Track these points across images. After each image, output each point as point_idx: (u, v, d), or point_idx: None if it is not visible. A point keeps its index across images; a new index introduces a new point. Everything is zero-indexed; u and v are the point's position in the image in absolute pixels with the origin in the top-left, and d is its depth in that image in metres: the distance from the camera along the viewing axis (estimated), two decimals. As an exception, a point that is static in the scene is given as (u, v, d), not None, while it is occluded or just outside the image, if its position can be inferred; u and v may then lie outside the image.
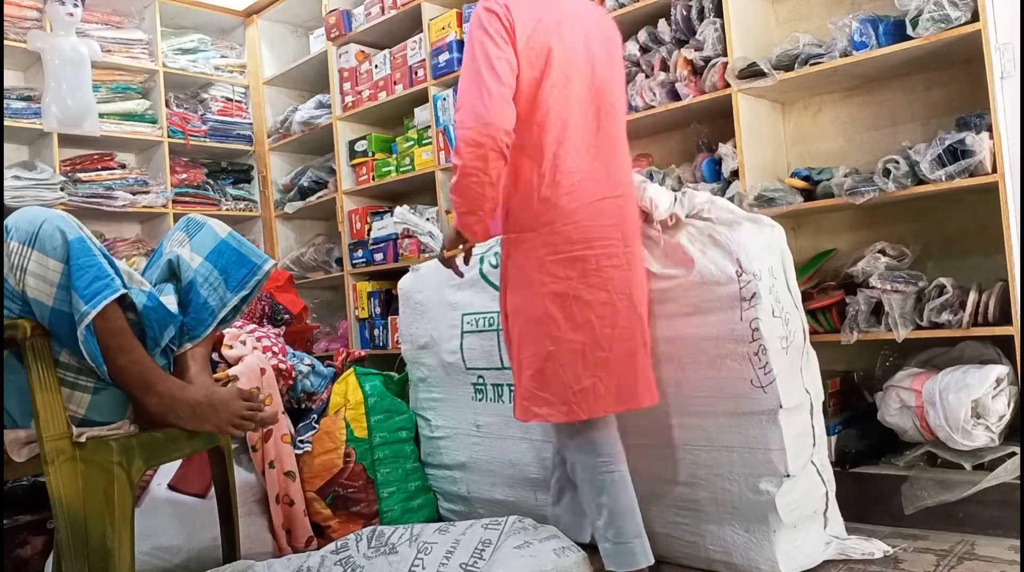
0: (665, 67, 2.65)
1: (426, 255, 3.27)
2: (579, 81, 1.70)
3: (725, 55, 2.47)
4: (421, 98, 3.41)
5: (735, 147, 2.47)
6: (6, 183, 3.24)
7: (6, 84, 3.49)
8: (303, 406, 2.48)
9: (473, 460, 2.35)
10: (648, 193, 1.91)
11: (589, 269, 1.66)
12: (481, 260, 2.28)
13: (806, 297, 2.25)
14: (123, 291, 1.43)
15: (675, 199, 1.93)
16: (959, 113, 2.20)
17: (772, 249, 1.90)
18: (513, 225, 1.73)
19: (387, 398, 2.49)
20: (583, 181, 1.68)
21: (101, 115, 3.57)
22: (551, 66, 1.65)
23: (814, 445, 1.88)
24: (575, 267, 1.66)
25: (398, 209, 2.68)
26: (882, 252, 2.27)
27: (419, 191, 3.60)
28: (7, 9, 3.35)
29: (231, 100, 4.17)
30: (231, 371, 2.20)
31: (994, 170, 2.01)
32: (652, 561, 1.70)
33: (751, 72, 2.38)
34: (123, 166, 3.76)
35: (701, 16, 2.56)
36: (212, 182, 4.08)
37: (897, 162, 2.14)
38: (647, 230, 1.92)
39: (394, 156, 3.56)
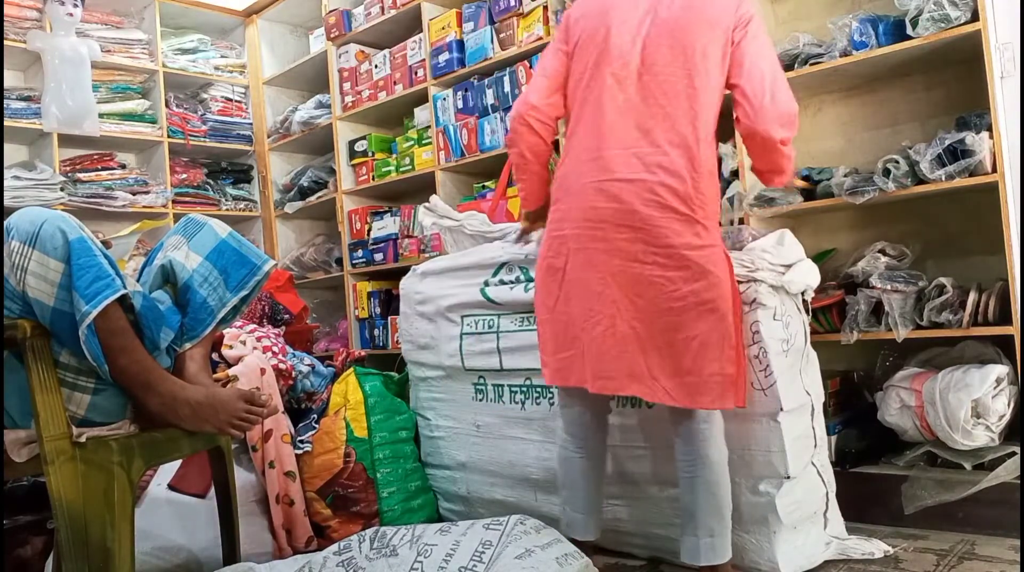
0: (665, 67, 2.65)
1: (426, 255, 3.27)
2: (611, 67, 1.71)
3: (725, 55, 2.47)
4: (421, 98, 3.41)
5: (735, 147, 2.47)
6: (6, 183, 3.24)
7: (6, 84, 3.49)
8: (303, 406, 2.48)
9: (473, 460, 2.35)
10: None
11: (580, 247, 1.70)
12: (486, 283, 2.27)
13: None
14: (124, 291, 1.43)
15: None
16: (959, 113, 2.20)
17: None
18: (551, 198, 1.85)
19: (387, 398, 2.49)
20: (587, 161, 1.72)
21: (101, 115, 3.57)
22: (583, 57, 1.76)
23: (815, 446, 1.88)
24: (567, 245, 1.73)
25: (433, 197, 2.60)
26: (882, 252, 2.28)
27: (419, 191, 3.60)
28: (7, 9, 3.35)
29: (231, 100, 4.17)
30: (231, 371, 2.20)
31: (994, 170, 2.01)
32: (588, 538, 1.83)
33: (751, 72, 2.38)
34: (123, 166, 3.76)
35: (701, 16, 2.55)
36: (212, 182, 4.08)
37: (897, 162, 2.14)
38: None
39: (394, 156, 3.56)
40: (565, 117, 1.82)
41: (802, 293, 1.96)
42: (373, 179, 3.62)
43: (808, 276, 1.92)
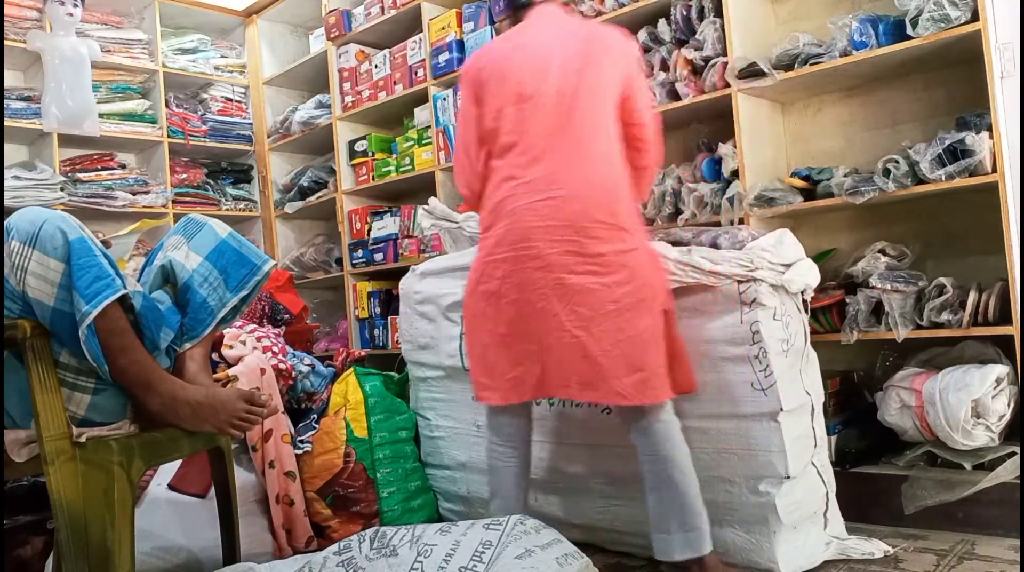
0: (665, 67, 2.65)
1: (426, 255, 3.27)
2: (530, 100, 1.81)
3: (725, 55, 2.47)
4: (421, 98, 3.41)
5: (735, 147, 2.47)
6: (6, 183, 3.24)
7: (6, 84, 3.49)
8: (303, 406, 2.48)
9: (473, 460, 2.35)
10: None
11: (513, 269, 1.77)
12: None
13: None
14: (124, 291, 1.43)
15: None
16: (959, 113, 2.20)
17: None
18: (480, 230, 1.91)
19: (387, 398, 2.49)
20: (520, 184, 1.79)
21: (101, 115, 3.57)
22: (498, 96, 1.84)
23: (815, 447, 1.88)
24: (500, 268, 1.79)
25: (432, 199, 2.62)
26: (882, 252, 2.27)
27: (419, 191, 3.60)
28: (7, 9, 3.35)
29: (231, 100, 4.17)
30: (231, 371, 2.20)
31: (994, 170, 2.01)
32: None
33: (751, 72, 2.38)
34: (123, 166, 3.76)
35: (701, 16, 2.56)
36: (212, 182, 4.08)
37: (897, 162, 2.14)
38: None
39: (394, 156, 3.56)
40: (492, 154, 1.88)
41: (802, 292, 1.96)
42: (373, 179, 3.62)
43: (808, 275, 1.92)
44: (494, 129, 1.84)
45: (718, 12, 2.50)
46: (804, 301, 1.97)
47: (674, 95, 2.62)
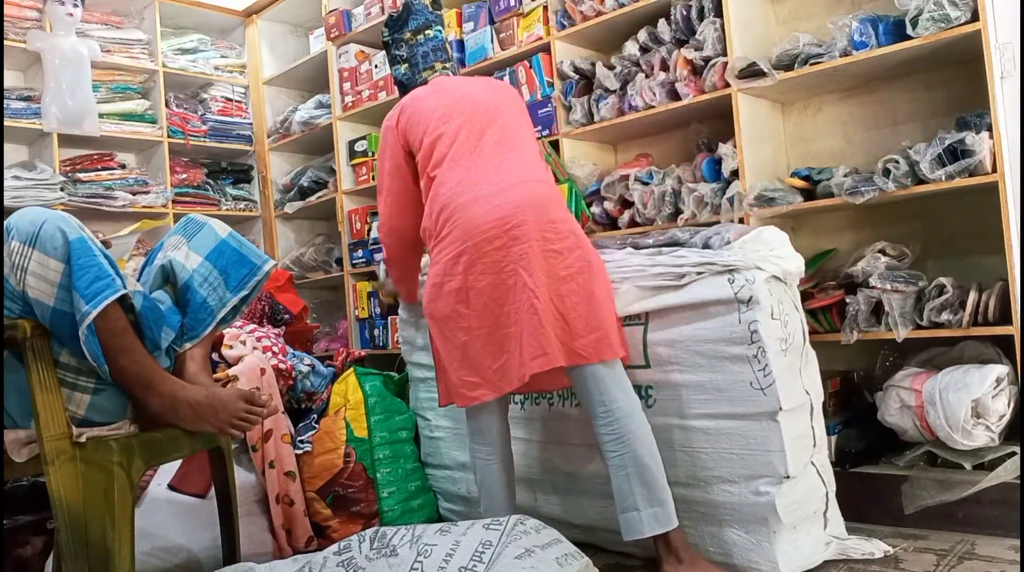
0: (665, 67, 2.65)
1: (426, 254, 3.27)
2: (455, 117, 1.97)
3: (725, 55, 2.47)
4: (421, 98, 3.41)
5: (735, 147, 2.47)
6: (6, 183, 3.24)
7: (6, 84, 3.49)
8: (303, 406, 2.48)
9: (473, 460, 2.35)
10: None
11: (474, 259, 1.82)
12: None
13: (806, 297, 2.25)
14: (124, 291, 1.43)
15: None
16: (959, 113, 2.20)
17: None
18: (427, 244, 1.99)
19: (387, 398, 2.49)
20: (460, 184, 1.89)
21: (101, 115, 3.57)
22: (426, 124, 1.99)
23: (814, 446, 1.88)
24: (461, 262, 1.84)
25: None
26: (882, 252, 2.27)
27: (419, 191, 3.59)
28: (7, 9, 3.35)
29: (231, 100, 4.17)
30: (231, 371, 2.20)
31: (994, 170, 2.01)
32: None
33: (751, 72, 2.38)
34: (123, 166, 3.76)
35: (701, 16, 2.56)
36: (212, 182, 4.08)
37: (897, 162, 2.14)
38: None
39: (394, 156, 3.55)
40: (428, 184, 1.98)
41: (798, 287, 1.96)
42: (373, 179, 3.62)
43: (788, 261, 1.91)
44: (429, 148, 1.97)
45: (718, 12, 2.50)
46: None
47: (674, 95, 2.62)
